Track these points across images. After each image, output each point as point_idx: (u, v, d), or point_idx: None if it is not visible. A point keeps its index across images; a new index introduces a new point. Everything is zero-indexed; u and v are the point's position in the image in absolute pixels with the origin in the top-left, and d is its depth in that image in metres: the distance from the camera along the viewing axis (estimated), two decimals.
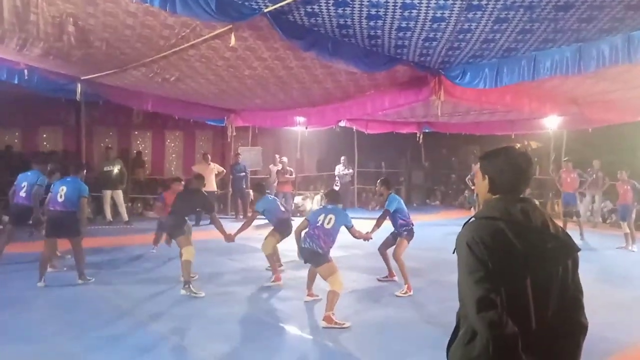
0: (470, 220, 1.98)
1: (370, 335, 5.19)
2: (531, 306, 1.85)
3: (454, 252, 1.95)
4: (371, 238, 6.44)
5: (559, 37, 5.36)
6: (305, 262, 5.96)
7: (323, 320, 5.36)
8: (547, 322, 1.87)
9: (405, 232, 6.87)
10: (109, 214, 12.10)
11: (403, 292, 6.61)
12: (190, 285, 6.40)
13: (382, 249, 7.20)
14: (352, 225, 5.96)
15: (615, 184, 11.17)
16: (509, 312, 1.78)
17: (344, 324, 5.34)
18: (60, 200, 6.69)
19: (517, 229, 1.88)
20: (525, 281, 1.85)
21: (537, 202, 2.25)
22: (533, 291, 1.85)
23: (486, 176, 2.08)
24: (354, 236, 6.17)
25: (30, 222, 7.57)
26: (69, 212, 6.73)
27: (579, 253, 1.98)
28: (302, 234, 5.84)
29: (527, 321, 1.84)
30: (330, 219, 5.73)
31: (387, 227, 6.94)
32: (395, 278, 7.17)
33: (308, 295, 6.28)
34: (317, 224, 5.70)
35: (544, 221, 1.94)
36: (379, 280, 7.32)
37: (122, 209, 12.34)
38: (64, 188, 6.74)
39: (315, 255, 5.65)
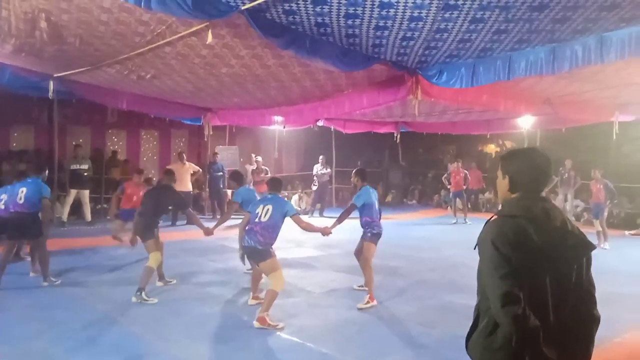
0: (492, 219, 2.04)
1: (349, 335, 5.18)
2: (550, 301, 1.92)
3: (475, 248, 2.02)
4: (330, 233, 5.86)
5: (533, 37, 5.43)
6: (248, 258, 5.72)
7: (256, 321, 5.18)
8: (564, 316, 1.95)
9: (370, 234, 6.12)
10: (65, 214, 11.65)
11: (365, 303, 5.94)
12: (143, 293, 6.02)
13: (358, 253, 6.47)
14: (295, 213, 5.42)
15: (589, 183, 11.39)
16: (530, 306, 1.85)
17: (277, 325, 5.18)
18: (20, 202, 6.51)
19: (539, 226, 1.94)
20: (546, 277, 1.92)
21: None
22: (552, 286, 1.93)
23: (507, 175, 2.15)
24: (302, 227, 5.50)
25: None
26: (29, 214, 6.55)
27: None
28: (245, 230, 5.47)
29: (546, 315, 1.91)
30: (268, 210, 5.28)
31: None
32: None
33: (253, 298, 6.02)
34: (255, 220, 5.29)
35: (563, 220, 2.01)
36: (355, 289, 6.69)
37: (87, 209, 12.06)
38: (24, 189, 6.56)
39: (255, 252, 5.31)
